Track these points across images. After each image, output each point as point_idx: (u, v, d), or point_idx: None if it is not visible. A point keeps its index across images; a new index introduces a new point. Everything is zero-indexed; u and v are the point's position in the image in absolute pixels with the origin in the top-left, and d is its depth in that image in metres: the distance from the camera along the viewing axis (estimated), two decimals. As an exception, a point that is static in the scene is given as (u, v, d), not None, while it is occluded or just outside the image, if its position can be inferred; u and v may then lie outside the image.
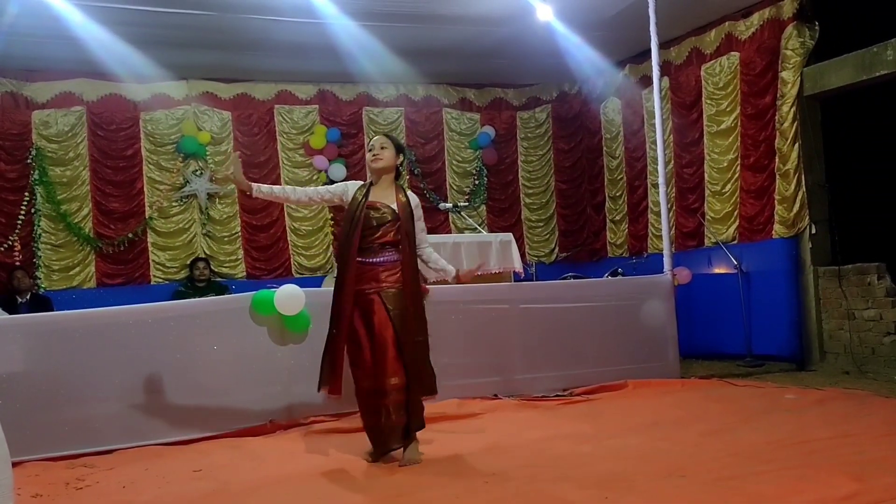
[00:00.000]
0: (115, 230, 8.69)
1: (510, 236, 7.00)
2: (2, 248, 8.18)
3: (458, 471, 3.90)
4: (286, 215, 9.36)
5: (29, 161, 8.39)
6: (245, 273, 9.12)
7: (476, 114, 10.28)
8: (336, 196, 4.26)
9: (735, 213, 8.02)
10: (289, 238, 9.36)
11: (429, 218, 5.39)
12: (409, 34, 7.86)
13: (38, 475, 4.18)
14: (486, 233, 8.37)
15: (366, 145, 9.49)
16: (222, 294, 7.85)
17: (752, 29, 7.81)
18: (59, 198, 8.47)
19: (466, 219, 9.51)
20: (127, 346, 4.94)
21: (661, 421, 4.91)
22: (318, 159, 9.50)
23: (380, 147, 4.19)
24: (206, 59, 8.46)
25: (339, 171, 9.50)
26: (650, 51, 6.97)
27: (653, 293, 6.74)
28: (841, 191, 7.36)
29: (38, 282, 8.28)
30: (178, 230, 8.97)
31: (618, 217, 9.81)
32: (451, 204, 8.65)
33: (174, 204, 8.97)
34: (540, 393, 5.99)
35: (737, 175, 7.99)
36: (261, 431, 5.02)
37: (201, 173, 9.05)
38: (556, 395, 5.97)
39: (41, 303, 7.73)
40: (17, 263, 8.15)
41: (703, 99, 8.37)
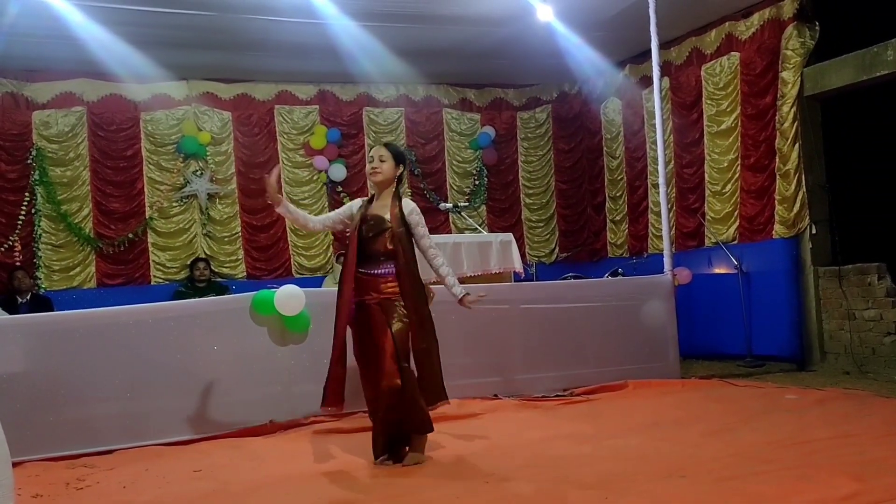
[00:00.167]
0: (115, 230, 8.69)
1: (510, 236, 6.99)
2: (2, 249, 8.18)
3: (458, 471, 3.90)
4: (286, 216, 9.35)
5: (29, 161, 8.39)
6: (245, 273, 9.12)
7: (476, 114, 10.28)
8: (345, 217, 4.29)
9: (735, 214, 8.02)
10: (289, 238, 9.35)
11: (429, 218, 5.38)
12: (410, 34, 7.86)
13: (39, 475, 4.18)
14: (486, 233, 8.36)
15: (366, 146, 9.53)
16: (222, 294, 7.84)
17: (753, 29, 7.81)
18: (59, 198, 8.47)
19: (467, 219, 9.50)
20: (127, 347, 4.95)
21: (662, 421, 4.91)
22: (318, 160, 9.49)
23: (378, 160, 4.15)
24: (207, 60, 8.46)
25: (339, 172, 9.50)
26: (650, 51, 6.98)
27: (653, 293, 6.74)
28: (841, 191, 7.36)
29: (39, 282, 8.29)
30: (178, 230, 8.97)
31: (618, 217, 9.80)
32: (452, 204, 8.64)
33: (174, 204, 8.97)
34: (540, 393, 5.99)
35: (737, 175, 7.99)
36: (261, 432, 5.01)
37: (201, 173, 9.05)
38: (557, 396, 5.98)
39: (42, 303, 7.72)
40: (17, 264, 8.15)
41: (704, 99, 8.37)
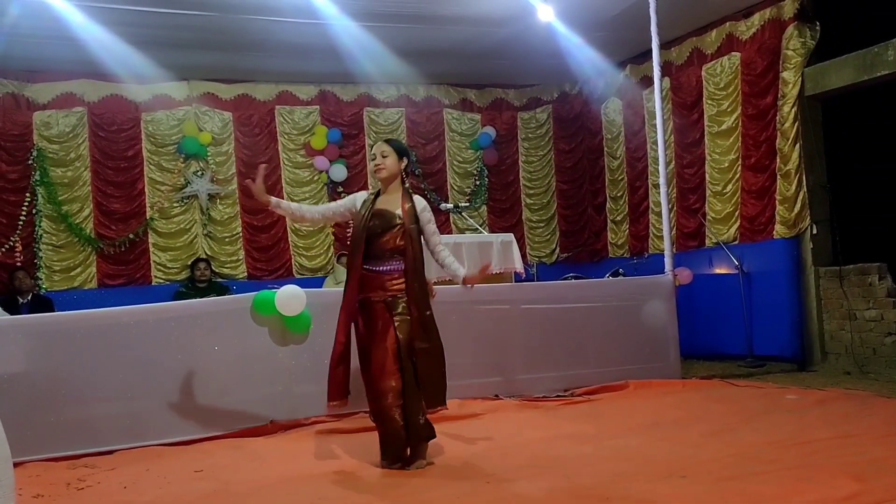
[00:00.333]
0: (116, 231, 8.69)
1: (511, 237, 7.00)
2: (3, 249, 8.18)
3: (459, 471, 3.91)
4: (287, 216, 9.35)
5: (30, 162, 8.40)
6: (246, 274, 9.12)
7: (477, 114, 10.28)
8: (347, 209, 4.24)
9: (736, 214, 8.01)
10: (290, 239, 9.35)
11: (430, 219, 5.46)
12: (410, 35, 7.86)
13: (40, 475, 4.18)
14: (486, 233, 8.37)
15: (367, 146, 9.53)
16: (223, 295, 7.84)
17: (753, 29, 7.81)
18: (60, 198, 8.47)
19: (467, 219, 9.51)
20: (128, 347, 4.95)
21: (662, 421, 4.91)
22: (318, 160, 9.49)
23: (381, 156, 4.12)
24: (207, 60, 8.46)
25: (339, 172, 9.50)
26: (651, 51, 6.98)
27: (654, 293, 6.74)
28: (842, 191, 7.36)
29: (40, 282, 8.29)
30: (179, 231, 8.98)
31: (619, 217, 9.80)
32: (452, 204, 8.65)
33: (175, 205, 8.97)
34: (541, 393, 5.99)
35: (738, 175, 7.98)
36: (262, 432, 5.02)
37: (202, 174, 9.05)
38: (557, 396, 5.98)
39: (42, 303, 7.73)
40: (18, 264, 8.16)
41: (704, 99, 8.37)
